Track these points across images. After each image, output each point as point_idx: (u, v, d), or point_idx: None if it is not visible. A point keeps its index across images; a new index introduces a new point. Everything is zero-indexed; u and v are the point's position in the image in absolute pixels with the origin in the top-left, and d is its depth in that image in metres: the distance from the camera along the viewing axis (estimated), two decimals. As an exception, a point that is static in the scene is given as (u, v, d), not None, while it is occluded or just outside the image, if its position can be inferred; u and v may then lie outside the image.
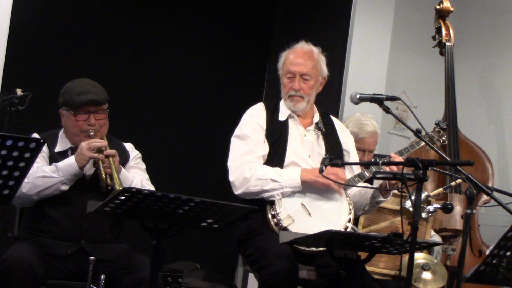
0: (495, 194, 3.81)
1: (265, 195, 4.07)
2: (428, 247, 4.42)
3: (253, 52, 6.89)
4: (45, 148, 3.95)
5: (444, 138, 4.38)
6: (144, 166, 4.19)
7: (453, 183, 4.78)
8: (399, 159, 4.05)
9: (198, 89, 6.66)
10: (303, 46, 4.34)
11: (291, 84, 4.26)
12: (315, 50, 4.34)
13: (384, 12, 6.32)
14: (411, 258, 3.25)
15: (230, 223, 3.47)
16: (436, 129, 4.34)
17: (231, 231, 4.08)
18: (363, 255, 3.72)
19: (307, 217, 4.07)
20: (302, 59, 4.27)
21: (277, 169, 4.12)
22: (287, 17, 6.93)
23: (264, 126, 4.26)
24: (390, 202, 4.47)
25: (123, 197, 3.17)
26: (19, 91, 4.21)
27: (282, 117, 4.31)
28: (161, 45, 6.44)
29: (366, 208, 4.22)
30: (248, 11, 6.83)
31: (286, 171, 4.12)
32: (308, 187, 4.11)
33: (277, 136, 4.24)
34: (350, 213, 4.11)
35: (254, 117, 4.29)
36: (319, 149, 4.28)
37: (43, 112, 5.09)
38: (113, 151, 3.90)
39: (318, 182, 4.07)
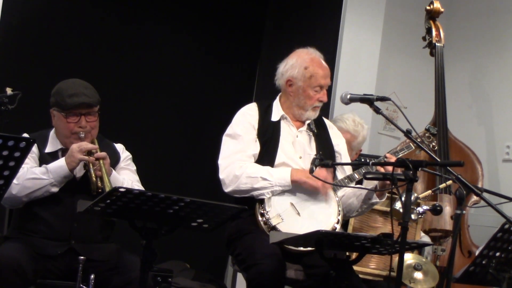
0: (485, 194, 3.83)
1: (255, 193, 4.08)
2: (418, 247, 4.43)
3: (243, 52, 6.89)
4: (35, 149, 3.93)
5: (434, 144, 4.38)
6: (134, 168, 4.19)
7: (441, 186, 4.78)
8: (394, 159, 4.07)
9: (188, 89, 6.65)
10: (319, 56, 4.37)
11: (318, 96, 4.28)
12: None
13: (375, 13, 6.33)
14: (401, 259, 3.26)
15: (220, 223, 3.47)
16: (426, 134, 4.35)
17: (221, 231, 4.08)
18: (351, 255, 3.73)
19: (296, 216, 4.08)
20: (327, 71, 4.33)
21: (268, 167, 4.13)
22: (278, 18, 6.93)
23: (256, 126, 4.26)
24: (380, 204, 4.47)
25: (113, 197, 3.17)
26: (9, 90, 4.19)
27: (274, 117, 4.32)
28: (152, 45, 6.43)
29: (360, 210, 4.22)
30: (239, 12, 6.83)
31: (276, 170, 4.13)
32: (298, 187, 4.11)
33: (268, 136, 4.24)
34: (339, 214, 4.12)
35: (246, 117, 4.30)
36: (311, 151, 4.29)
37: (33, 111, 5.07)
38: (103, 154, 3.89)
39: (307, 183, 4.08)
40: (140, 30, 6.36)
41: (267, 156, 4.20)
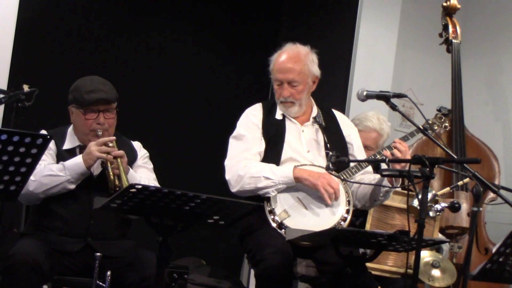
0: (502, 192, 3.81)
1: (260, 192, 4.07)
2: (434, 244, 4.41)
3: (259, 51, 6.86)
4: (52, 146, 3.94)
5: (446, 124, 4.36)
6: (151, 166, 4.18)
7: (460, 183, 4.76)
8: (404, 144, 4.04)
9: (204, 88, 6.66)
10: (288, 50, 4.29)
11: (280, 91, 4.24)
12: (303, 51, 4.28)
13: (391, 9, 6.32)
14: (418, 256, 3.25)
15: (236, 220, 3.48)
16: (438, 115, 4.33)
17: (237, 227, 4.08)
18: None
19: (303, 211, 4.06)
20: (289, 64, 4.22)
21: (271, 165, 4.11)
22: (293, 15, 6.92)
23: (260, 125, 4.25)
24: (398, 201, 4.45)
25: (129, 194, 3.17)
26: (26, 87, 4.21)
27: (278, 115, 4.30)
28: (167, 44, 6.44)
29: (376, 198, 4.15)
30: (254, 9, 6.82)
31: (280, 167, 4.11)
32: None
33: (273, 133, 4.23)
34: (349, 205, 4.09)
35: (249, 117, 4.30)
36: (319, 144, 4.26)
37: (49, 108, 5.09)
38: (121, 152, 3.89)
39: (308, 181, 4.05)
40: (156, 28, 6.36)
41: (273, 152, 4.18)
